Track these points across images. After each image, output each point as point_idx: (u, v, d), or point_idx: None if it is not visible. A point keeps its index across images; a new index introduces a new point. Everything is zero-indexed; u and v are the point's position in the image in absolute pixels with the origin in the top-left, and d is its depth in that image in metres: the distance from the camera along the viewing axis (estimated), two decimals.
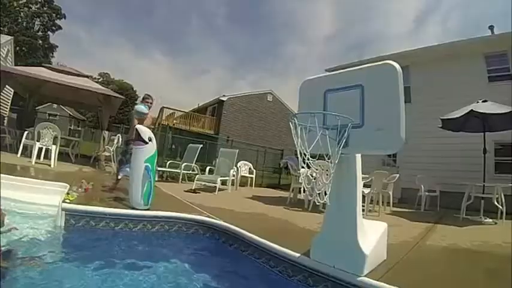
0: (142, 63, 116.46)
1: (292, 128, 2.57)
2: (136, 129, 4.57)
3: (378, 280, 2.49)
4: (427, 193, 8.45)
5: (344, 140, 2.54)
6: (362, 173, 2.95)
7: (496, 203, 6.46)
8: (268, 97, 30.04)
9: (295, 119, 2.57)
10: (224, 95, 27.26)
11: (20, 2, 39.19)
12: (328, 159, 2.55)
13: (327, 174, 2.62)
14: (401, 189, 10.60)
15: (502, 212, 6.44)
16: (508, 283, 2.80)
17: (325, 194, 2.61)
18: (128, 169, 4.71)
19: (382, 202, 7.28)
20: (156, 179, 5.70)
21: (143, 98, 6.08)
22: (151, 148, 4.57)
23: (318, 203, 2.61)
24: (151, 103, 6.03)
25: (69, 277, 2.58)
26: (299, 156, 2.51)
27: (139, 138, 4.50)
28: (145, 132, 4.55)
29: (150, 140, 4.54)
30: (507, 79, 10.03)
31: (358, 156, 2.81)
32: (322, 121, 2.69)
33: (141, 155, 4.48)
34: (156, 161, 4.79)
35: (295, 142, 2.52)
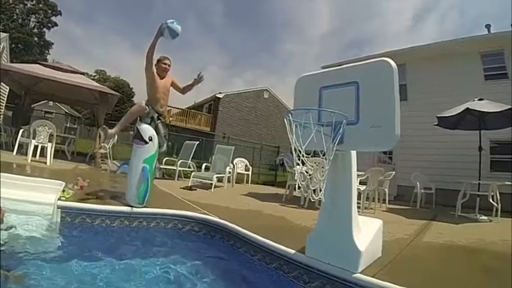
0: (138, 60, 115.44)
1: (287, 124, 2.56)
2: (136, 128, 4.42)
3: (372, 277, 2.49)
4: (422, 190, 8.51)
5: (339, 137, 2.54)
6: (358, 170, 2.96)
7: (491, 200, 6.49)
8: (264, 94, 30.06)
9: (289, 115, 2.57)
10: (220, 92, 27.21)
11: None
12: (323, 155, 2.55)
13: (322, 171, 2.62)
14: (397, 186, 10.66)
15: (497, 210, 6.48)
16: (504, 280, 2.83)
17: (320, 190, 2.61)
18: (126, 166, 4.63)
19: (378, 199, 7.30)
20: (157, 175, 5.51)
21: (158, 60, 5.05)
22: (152, 148, 4.41)
23: (312, 200, 2.61)
24: (169, 65, 5.11)
25: (64, 274, 2.58)
26: (294, 153, 2.52)
27: (139, 137, 4.34)
28: (146, 131, 4.38)
29: (150, 139, 4.38)
30: (503, 78, 10.08)
31: (354, 153, 2.81)
32: (317, 118, 2.70)
33: (140, 155, 4.35)
34: (156, 159, 4.65)
35: (290, 139, 2.53)
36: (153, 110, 4.89)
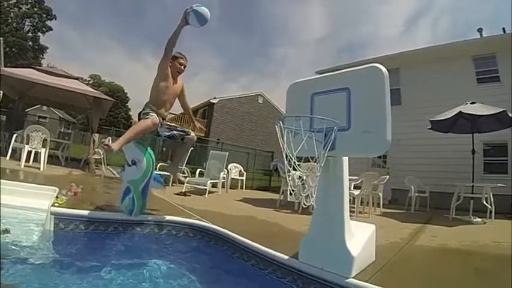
0: (133, 65, 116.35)
1: (278, 131, 2.57)
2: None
3: (366, 281, 2.50)
4: (417, 194, 8.54)
5: (330, 143, 2.55)
6: (352, 175, 2.97)
7: (485, 202, 6.54)
8: (259, 99, 30.16)
9: (280, 122, 2.58)
10: (215, 97, 27.28)
11: (10, 2, 38.82)
12: (315, 161, 2.56)
13: (317, 176, 2.63)
14: (391, 190, 10.70)
15: (490, 212, 6.53)
16: (496, 282, 2.85)
17: (312, 196, 2.62)
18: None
19: (373, 203, 7.32)
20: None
21: (175, 57, 4.22)
22: (135, 172, 4.05)
23: (304, 206, 2.61)
24: (184, 67, 4.34)
25: (56, 281, 2.57)
26: (285, 159, 2.52)
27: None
28: (130, 153, 4.00)
29: (134, 163, 3.99)
30: (495, 81, 10.19)
31: (345, 159, 2.83)
32: (309, 124, 2.71)
33: (126, 174, 4.19)
34: (147, 179, 4.17)
35: (281, 145, 2.53)
36: (157, 114, 4.09)
